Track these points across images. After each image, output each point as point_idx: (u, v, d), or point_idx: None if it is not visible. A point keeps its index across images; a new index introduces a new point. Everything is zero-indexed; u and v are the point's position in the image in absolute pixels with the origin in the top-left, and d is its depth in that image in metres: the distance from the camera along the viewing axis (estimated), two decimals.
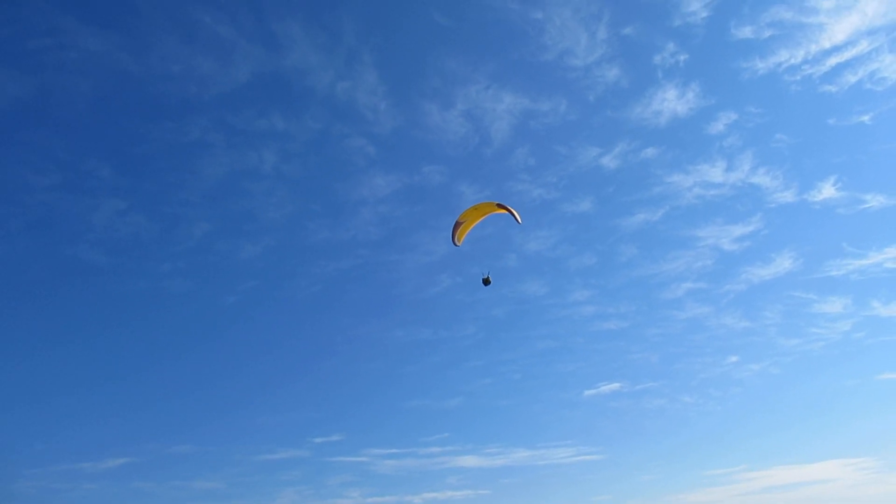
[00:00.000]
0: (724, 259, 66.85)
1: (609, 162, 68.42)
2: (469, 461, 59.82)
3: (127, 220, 64.63)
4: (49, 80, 59.71)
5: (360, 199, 71.04)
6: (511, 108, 68.47)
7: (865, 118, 63.59)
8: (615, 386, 62.81)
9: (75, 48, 58.90)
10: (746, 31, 63.81)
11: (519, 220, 31.97)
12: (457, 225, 33.85)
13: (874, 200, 62.83)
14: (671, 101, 65.70)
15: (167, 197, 66.72)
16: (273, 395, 64.81)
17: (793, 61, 63.12)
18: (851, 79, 62.39)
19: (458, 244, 34.03)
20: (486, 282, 35.00)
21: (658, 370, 64.64)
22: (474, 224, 33.63)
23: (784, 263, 64.34)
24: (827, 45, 61.72)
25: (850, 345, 60.94)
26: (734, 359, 63.01)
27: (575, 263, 70.41)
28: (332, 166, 71.66)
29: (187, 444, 57.83)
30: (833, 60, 61.95)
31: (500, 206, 32.59)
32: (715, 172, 66.68)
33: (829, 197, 64.06)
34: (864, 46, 60.79)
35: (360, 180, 70.97)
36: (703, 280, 66.55)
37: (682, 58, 65.30)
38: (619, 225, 70.52)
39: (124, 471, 54.33)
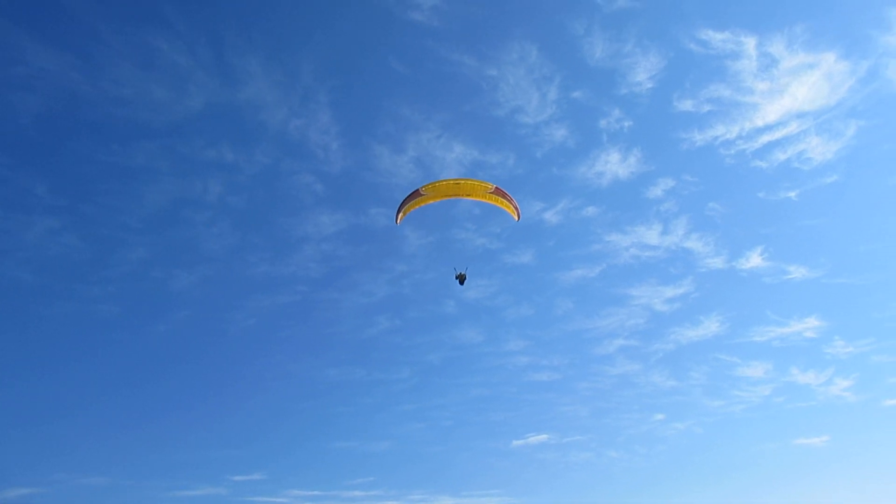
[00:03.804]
0: (655, 318, 68.63)
1: (551, 217, 70.34)
2: None
3: (59, 240, 62.51)
4: None
5: (304, 235, 70.76)
6: (461, 157, 70.13)
7: (792, 194, 67.62)
8: (543, 437, 62.98)
9: (23, 63, 57.93)
10: (687, 105, 67.75)
11: (517, 216, 29.57)
12: (414, 195, 29.22)
13: (797, 272, 66.21)
14: (614, 164, 68.48)
15: (105, 220, 64.82)
16: (194, 428, 62.15)
17: (728, 136, 67.04)
18: (781, 157, 66.59)
19: (398, 223, 30.33)
20: (461, 279, 33.45)
21: (586, 424, 65.17)
22: (437, 201, 29.14)
23: (711, 326, 66.62)
24: (760, 123, 66.08)
25: (769, 409, 62.89)
26: (660, 416, 64.16)
27: (512, 313, 71.15)
28: (278, 201, 71.39)
29: (99, 476, 54.96)
30: (765, 138, 66.14)
31: (497, 193, 29.08)
32: (651, 235, 69.17)
33: (756, 266, 67.14)
34: (793, 128, 65.36)
35: (305, 217, 70.90)
36: (634, 338, 68.12)
37: (626, 124, 68.54)
38: (558, 279, 71.96)
39: (26, 502, 51.35)
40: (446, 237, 72.31)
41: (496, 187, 28.71)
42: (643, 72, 66.47)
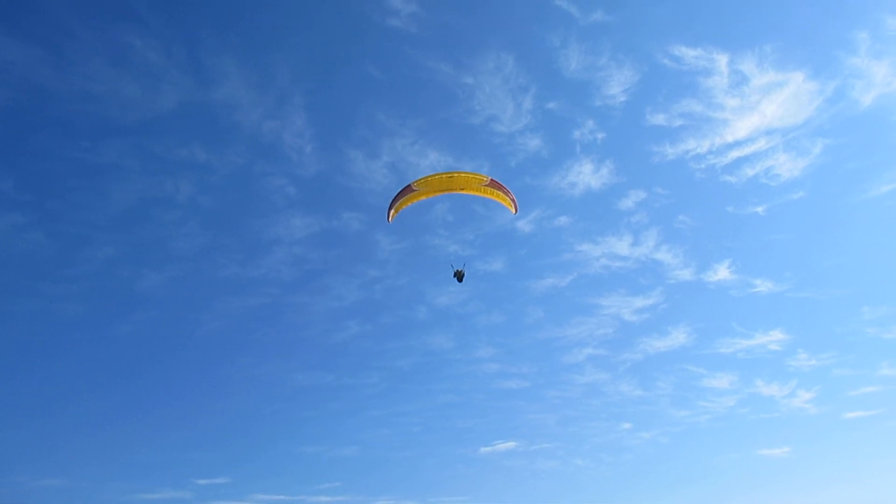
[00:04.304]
0: (624, 328, 69.28)
1: (524, 226, 70.76)
2: None
3: (24, 236, 61.30)
4: None
5: (276, 238, 70.16)
6: (435, 164, 70.25)
7: (759, 209, 69.13)
8: (511, 444, 63.11)
9: None
10: (660, 119, 68.96)
11: (514, 209, 28.49)
12: (406, 191, 27.91)
13: (763, 286, 67.49)
14: (586, 175, 69.22)
15: (71, 217, 63.63)
16: (158, 431, 60.90)
17: (699, 150, 68.31)
18: (749, 172, 68.00)
19: (390, 220, 29.14)
20: (460, 276, 32.33)
21: (554, 432, 65.41)
22: (431, 196, 27.93)
23: (679, 337, 67.48)
24: (730, 139, 67.47)
25: (734, 419, 63.80)
26: (627, 426, 64.67)
27: (483, 320, 71.28)
28: (250, 203, 70.73)
29: (58, 477, 53.79)
30: (734, 154, 67.54)
31: (493, 186, 27.79)
32: (622, 246, 69.96)
33: (723, 278, 68.30)
34: (762, 144, 66.85)
35: (276, 219, 70.32)
36: (603, 347, 68.66)
37: (599, 136, 69.47)
38: (529, 287, 72.35)
39: None
40: (419, 243, 72.43)
41: (491, 179, 27.92)
42: (617, 85, 67.67)
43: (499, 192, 28.54)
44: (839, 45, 66.55)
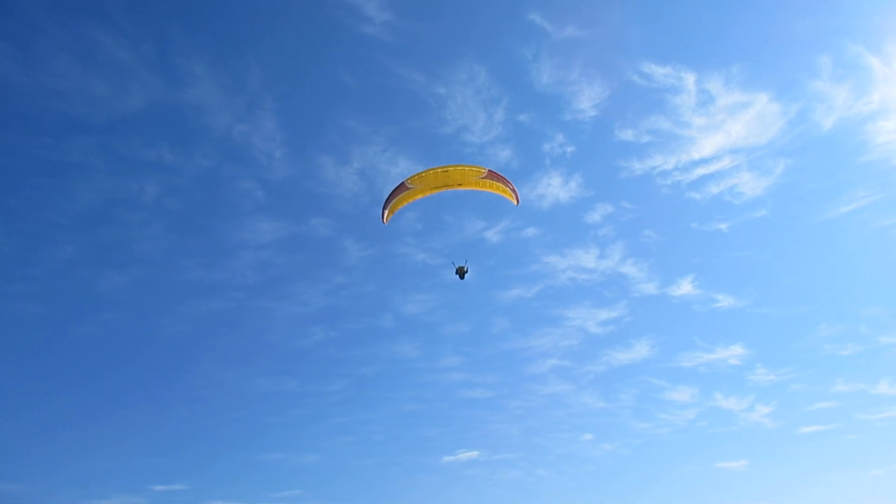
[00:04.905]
0: (588, 340, 69.73)
1: (492, 236, 71.11)
2: None
3: None
4: None
5: (242, 241, 69.29)
6: (406, 172, 69.47)
7: (723, 226, 70.42)
8: (473, 454, 63.07)
9: None
10: (628, 134, 69.98)
11: (516, 201, 27.56)
12: (400, 190, 26.47)
13: (725, 301, 68.63)
14: (555, 188, 69.87)
15: (32, 215, 62.21)
16: (115, 435, 59.26)
17: (665, 167, 69.41)
18: (714, 189, 69.29)
19: (385, 221, 27.76)
20: (461, 273, 31.37)
21: (516, 442, 65.46)
22: (428, 195, 26.79)
23: (642, 350, 68.19)
24: (696, 156, 68.75)
25: (693, 432, 64.48)
26: (589, 437, 65.01)
27: (449, 330, 71.21)
28: (217, 205, 69.66)
29: (9, 482, 52.35)
30: (700, 171, 68.82)
31: (491, 178, 26.39)
32: (588, 258, 70.60)
33: (686, 293, 69.25)
34: (726, 163, 68.28)
35: (243, 223, 69.50)
36: (567, 358, 69.01)
37: (569, 149, 70.19)
38: (496, 297, 72.55)
39: None
40: (387, 250, 72.37)
41: (489, 171, 26.80)
42: (587, 100, 68.61)
43: (498, 183, 27.64)
44: (803, 68, 68.66)
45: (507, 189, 27.98)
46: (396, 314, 70.69)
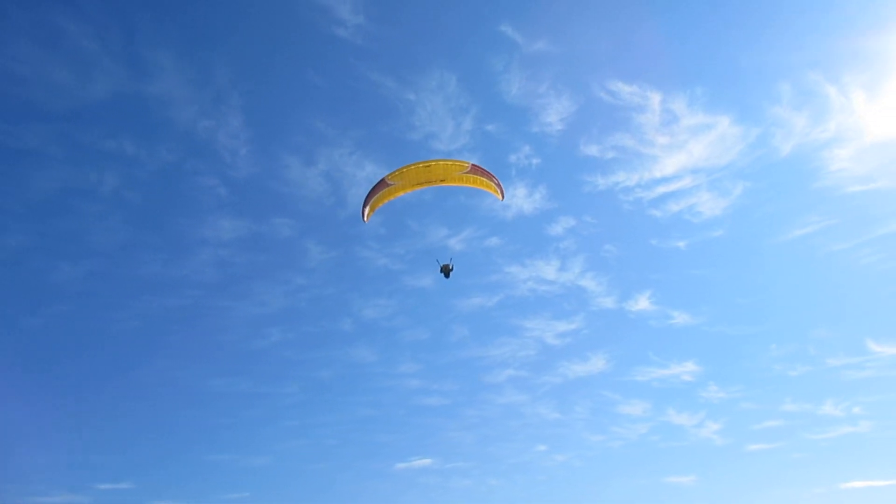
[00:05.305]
0: (546, 351, 69.94)
1: (455, 244, 71.00)
2: None
3: None
4: None
5: (202, 238, 68.11)
6: (371, 176, 69.99)
7: (681, 244, 71.67)
8: (427, 461, 62.81)
9: None
10: (593, 150, 70.95)
11: (501, 195, 26.83)
12: (381, 186, 25.33)
13: (680, 318, 69.69)
14: (520, 199, 70.34)
15: None
16: (60, 431, 57.33)
17: (628, 183, 70.45)
18: (674, 208, 70.53)
19: (366, 220, 26.72)
20: (446, 271, 31.09)
21: (470, 451, 65.38)
22: (409, 192, 25.85)
23: (598, 363, 68.71)
24: (658, 175, 69.93)
25: (645, 446, 64.99)
26: (542, 448, 65.18)
27: (408, 336, 70.83)
28: (178, 200, 68.41)
29: None
30: (661, 189, 69.96)
31: (475, 173, 25.55)
32: (549, 270, 71.06)
33: (643, 308, 70.17)
34: (687, 182, 69.59)
35: (204, 220, 68.37)
36: (524, 369, 69.16)
37: (534, 161, 70.83)
38: (456, 305, 72.55)
39: None
40: (349, 254, 72.01)
41: (472, 165, 25.94)
42: (555, 113, 69.38)
43: (482, 178, 26.89)
44: (764, 94, 70.47)
45: (492, 184, 27.37)
46: (356, 318, 70.32)
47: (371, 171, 69.68)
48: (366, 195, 26.97)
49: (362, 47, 66.76)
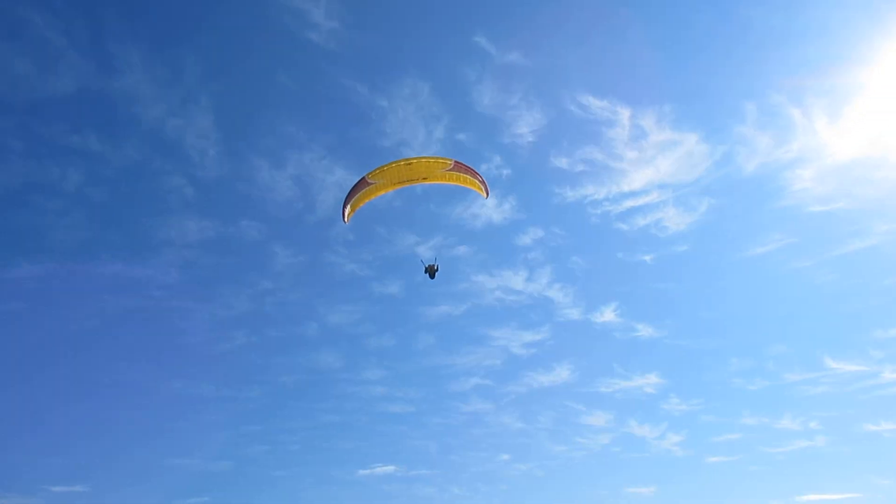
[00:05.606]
0: (511, 361, 70.05)
1: (424, 252, 71.17)
2: None
3: None
4: None
5: (167, 239, 66.92)
6: (341, 181, 69.72)
7: (647, 258, 72.53)
8: (390, 469, 62.40)
9: None
10: (563, 162, 71.59)
11: (485, 193, 26.31)
12: (361, 185, 24.75)
13: (644, 330, 70.42)
14: (489, 208, 70.60)
15: None
16: (12, 431, 56.20)
17: (596, 196, 71.27)
18: (641, 222, 71.40)
19: (347, 221, 26.22)
20: (432, 272, 30.83)
21: (434, 459, 65.13)
22: (391, 190, 25.24)
23: (563, 373, 69.09)
24: (626, 189, 70.82)
25: (607, 457, 65.47)
26: (505, 457, 65.25)
27: (374, 342, 70.43)
28: (143, 199, 67.21)
29: None
30: (629, 203, 70.81)
31: (458, 170, 24.88)
32: (517, 280, 71.41)
33: (608, 320, 70.82)
34: (654, 196, 70.68)
35: (169, 220, 67.13)
36: (489, 378, 69.21)
37: (505, 172, 71.13)
38: (423, 313, 72.44)
39: None
40: (317, 259, 71.46)
41: (455, 162, 25.21)
42: (526, 125, 70.06)
43: (465, 175, 26.25)
44: (730, 113, 72.07)
45: (476, 181, 26.95)
46: (321, 324, 69.72)
47: (341, 177, 69.42)
48: (346, 195, 26.39)
49: (335, 52, 66.70)
